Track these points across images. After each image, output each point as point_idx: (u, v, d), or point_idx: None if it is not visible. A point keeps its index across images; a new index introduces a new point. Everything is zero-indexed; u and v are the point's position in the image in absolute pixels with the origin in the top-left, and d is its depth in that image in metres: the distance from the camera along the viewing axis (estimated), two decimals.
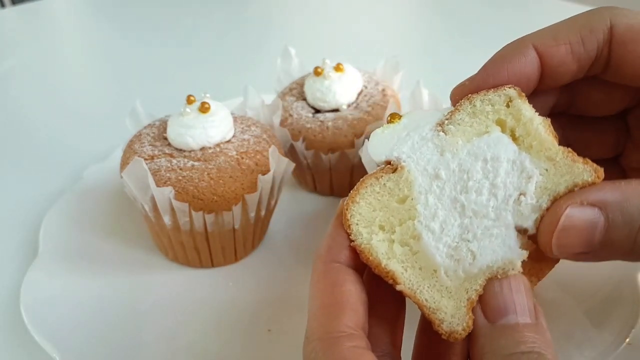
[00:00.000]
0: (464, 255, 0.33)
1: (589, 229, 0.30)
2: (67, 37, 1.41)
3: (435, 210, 0.34)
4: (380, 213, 0.35)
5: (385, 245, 0.34)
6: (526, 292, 0.31)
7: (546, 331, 0.30)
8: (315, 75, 0.65)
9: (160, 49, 1.24)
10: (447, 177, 0.35)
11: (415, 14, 1.49)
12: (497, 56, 0.37)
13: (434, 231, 0.33)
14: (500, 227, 0.32)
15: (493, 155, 0.35)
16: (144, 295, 0.55)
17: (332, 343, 0.30)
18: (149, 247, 0.61)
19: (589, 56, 0.36)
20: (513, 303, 0.30)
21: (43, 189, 0.72)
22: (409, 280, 0.33)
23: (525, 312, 0.30)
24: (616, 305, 0.49)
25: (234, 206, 0.54)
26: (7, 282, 0.58)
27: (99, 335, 0.50)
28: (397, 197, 0.35)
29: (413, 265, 0.34)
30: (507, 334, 0.29)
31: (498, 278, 0.32)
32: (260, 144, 0.57)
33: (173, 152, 0.55)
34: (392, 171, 0.36)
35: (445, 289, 0.33)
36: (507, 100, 0.36)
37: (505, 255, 0.32)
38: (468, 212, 0.34)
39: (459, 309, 0.32)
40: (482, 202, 0.34)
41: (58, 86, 1.09)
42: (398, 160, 0.35)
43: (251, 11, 1.48)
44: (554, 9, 1.35)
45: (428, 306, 0.32)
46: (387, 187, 0.35)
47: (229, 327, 0.52)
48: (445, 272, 0.33)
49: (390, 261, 0.33)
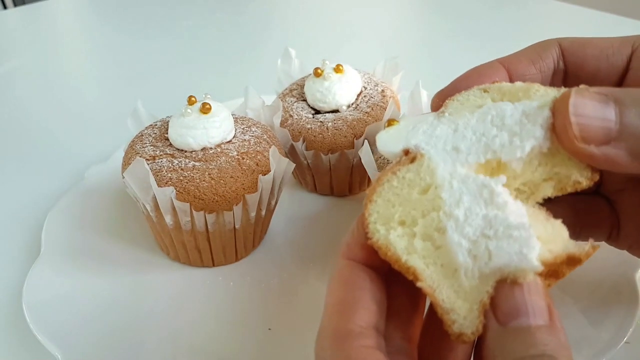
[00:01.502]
0: (482, 254, 0.31)
1: (603, 107, 0.31)
2: (69, 38, 1.42)
3: (460, 195, 0.32)
4: (400, 208, 0.33)
5: (405, 240, 0.33)
6: (540, 293, 0.29)
7: (561, 333, 0.29)
8: (315, 77, 0.65)
9: (161, 50, 1.24)
10: (467, 149, 0.34)
11: (414, 14, 1.49)
12: (469, 71, 0.42)
13: (458, 219, 0.31)
14: (521, 230, 0.30)
15: (498, 111, 0.35)
16: (146, 295, 0.56)
17: (342, 341, 0.30)
18: (150, 246, 0.62)
19: (548, 67, 0.41)
20: (525, 305, 0.29)
21: (45, 189, 0.73)
22: (430, 277, 0.32)
23: (538, 313, 0.29)
24: (614, 304, 0.49)
25: (235, 206, 0.54)
26: (9, 281, 0.58)
27: (101, 334, 0.51)
28: (418, 188, 0.33)
29: (435, 262, 0.32)
30: (518, 337, 0.28)
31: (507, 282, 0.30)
32: (260, 145, 0.57)
33: (174, 153, 0.55)
34: (409, 162, 0.34)
35: (462, 289, 0.31)
36: (483, 89, 0.38)
37: (520, 263, 0.29)
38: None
39: (471, 311, 0.30)
40: (506, 144, 0.33)
41: (60, 87, 1.09)
42: (417, 148, 0.34)
43: (251, 12, 1.48)
44: (554, 9, 1.35)
45: (444, 306, 0.31)
46: (407, 180, 0.34)
47: (230, 326, 0.52)
48: (464, 273, 0.31)
49: (411, 256, 0.32)
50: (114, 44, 1.31)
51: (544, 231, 0.32)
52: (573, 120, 0.31)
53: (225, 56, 1.19)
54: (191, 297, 0.56)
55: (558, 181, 0.35)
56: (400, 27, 1.38)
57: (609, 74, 0.41)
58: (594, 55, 0.41)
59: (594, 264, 0.54)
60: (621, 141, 0.31)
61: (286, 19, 1.46)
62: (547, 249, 0.30)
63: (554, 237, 0.32)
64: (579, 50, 0.41)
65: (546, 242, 0.31)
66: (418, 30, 1.37)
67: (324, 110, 0.65)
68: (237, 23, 1.39)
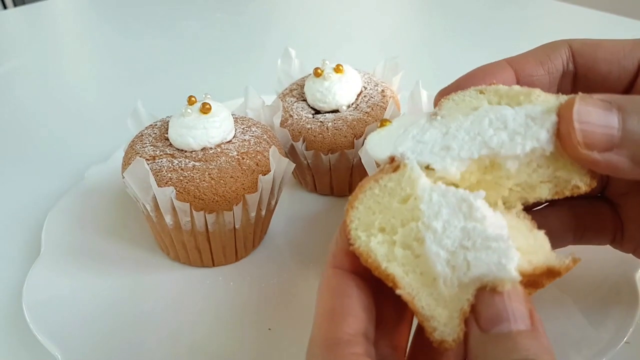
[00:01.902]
0: (460, 264, 0.31)
1: (606, 114, 0.31)
2: (69, 38, 1.42)
3: (439, 208, 0.32)
4: (380, 216, 0.34)
5: (385, 247, 0.33)
6: (520, 299, 0.30)
7: (543, 337, 0.29)
8: (315, 77, 0.65)
9: (161, 50, 1.24)
10: (459, 146, 0.34)
11: (414, 14, 1.49)
12: (475, 69, 0.41)
13: (436, 231, 0.32)
14: (499, 242, 0.30)
15: (497, 115, 0.35)
16: (146, 295, 0.56)
17: (331, 349, 0.30)
18: (150, 246, 0.62)
19: (557, 69, 0.40)
20: (506, 311, 0.29)
21: (45, 189, 0.73)
22: (409, 285, 0.32)
23: (520, 319, 0.29)
24: (614, 304, 0.49)
25: (235, 206, 0.54)
26: (9, 281, 0.58)
27: (101, 334, 0.51)
28: (398, 197, 0.34)
29: (414, 270, 0.32)
30: (500, 343, 0.28)
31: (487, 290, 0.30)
32: (260, 145, 0.57)
33: (174, 153, 0.55)
34: (392, 171, 0.35)
35: (442, 297, 0.32)
36: (479, 90, 0.38)
37: (499, 273, 0.30)
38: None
39: (452, 319, 0.31)
40: (505, 141, 0.34)
41: (60, 87, 1.09)
42: (402, 157, 0.35)
43: (252, 12, 1.48)
44: (554, 9, 1.35)
45: (423, 313, 0.31)
46: (388, 188, 0.34)
47: (230, 326, 0.52)
48: (443, 282, 0.31)
49: (391, 264, 0.33)
50: (114, 43, 1.31)
51: (525, 242, 0.33)
52: (577, 127, 0.32)
53: (225, 56, 1.19)
54: (191, 297, 0.56)
55: (556, 184, 0.35)
56: (400, 27, 1.38)
57: (620, 77, 0.40)
58: (605, 58, 0.40)
59: (593, 264, 0.54)
60: (623, 148, 0.31)
61: (286, 19, 1.46)
62: (527, 260, 0.31)
63: (535, 248, 0.33)
64: (589, 52, 0.40)
65: (527, 253, 0.32)
66: (418, 30, 1.37)
67: (324, 110, 0.65)
68: (237, 23, 1.39)
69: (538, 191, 0.36)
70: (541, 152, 0.34)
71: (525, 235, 0.34)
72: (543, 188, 0.36)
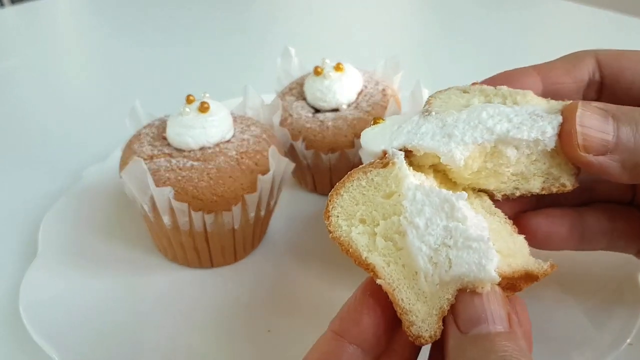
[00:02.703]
0: (442, 261, 0.32)
1: (603, 121, 0.35)
2: (67, 37, 1.41)
3: (422, 206, 0.33)
4: (363, 207, 0.35)
5: (366, 237, 0.34)
6: (499, 301, 0.30)
7: (520, 339, 0.29)
8: (315, 75, 0.64)
9: (159, 48, 1.24)
10: (461, 133, 0.36)
11: (415, 13, 1.49)
12: (499, 74, 0.42)
13: (419, 227, 0.33)
14: (480, 243, 0.31)
15: (495, 110, 0.37)
16: (144, 296, 0.55)
17: None
18: (148, 247, 0.61)
19: (583, 78, 0.41)
20: (484, 312, 0.30)
21: (42, 189, 0.72)
22: (389, 275, 0.33)
23: (498, 320, 0.30)
24: (617, 305, 0.49)
25: (234, 206, 0.54)
26: (6, 282, 0.58)
27: (98, 336, 0.50)
28: (383, 192, 0.35)
29: (396, 261, 0.33)
30: (478, 344, 0.29)
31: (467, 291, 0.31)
32: (260, 144, 0.57)
33: (172, 152, 0.54)
34: (382, 166, 0.35)
35: (422, 293, 0.32)
36: (463, 90, 0.40)
37: (479, 273, 0.30)
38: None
39: (430, 315, 0.32)
40: (511, 128, 0.36)
41: (57, 86, 1.09)
42: (393, 155, 0.35)
43: (251, 11, 1.48)
44: (553, 9, 1.35)
45: (402, 306, 0.32)
46: (375, 182, 0.35)
47: (228, 328, 0.52)
48: (424, 277, 0.32)
49: (371, 254, 0.33)
50: (112, 42, 1.30)
51: (505, 245, 0.34)
52: (578, 130, 0.34)
53: (224, 55, 1.18)
54: (189, 298, 0.55)
55: (546, 180, 0.38)
56: (401, 25, 1.38)
57: None
58: (630, 67, 0.41)
59: (596, 265, 0.54)
60: (616, 154, 0.34)
61: (286, 18, 1.45)
62: (506, 262, 0.32)
63: (514, 251, 0.34)
64: (614, 62, 0.41)
65: (507, 255, 0.33)
66: (419, 29, 1.37)
67: (324, 109, 0.65)
68: (237, 21, 1.39)
69: (531, 183, 0.38)
70: (543, 146, 0.36)
71: (506, 238, 0.35)
72: (536, 181, 0.38)
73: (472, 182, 0.39)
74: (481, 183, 0.38)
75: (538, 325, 0.49)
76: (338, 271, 0.56)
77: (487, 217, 0.36)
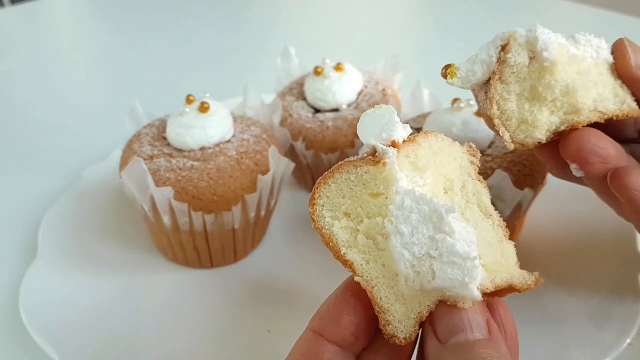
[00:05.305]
0: (426, 271, 0.31)
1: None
2: (67, 37, 1.41)
3: (410, 214, 0.32)
4: (349, 201, 0.34)
5: (347, 233, 0.33)
6: (478, 308, 0.30)
7: (501, 345, 0.29)
8: (315, 75, 0.64)
9: (159, 48, 1.24)
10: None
11: (415, 13, 1.49)
12: None
13: (403, 234, 0.31)
14: (465, 260, 0.30)
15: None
16: (143, 296, 0.55)
17: None
18: (148, 247, 0.61)
19: None
20: (463, 322, 0.29)
21: (42, 189, 0.72)
22: (368, 273, 0.32)
23: (477, 328, 0.29)
24: (617, 306, 0.49)
25: (234, 206, 0.54)
26: (6, 282, 0.58)
27: (98, 336, 0.50)
28: (371, 191, 0.34)
29: (376, 259, 0.33)
30: (458, 352, 0.29)
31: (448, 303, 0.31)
32: (259, 144, 0.57)
33: (172, 152, 0.54)
34: (373, 164, 0.33)
35: (402, 295, 0.32)
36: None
37: (461, 290, 0.30)
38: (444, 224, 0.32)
39: (407, 318, 0.31)
40: None
41: (57, 86, 1.09)
42: (383, 154, 0.33)
43: (251, 11, 1.48)
44: (553, 9, 1.35)
45: (380, 304, 0.32)
46: (363, 179, 0.34)
47: (228, 328, 0.52)
48: (405, 280, 0.31)
49: (351, 250, 0.33)
50: (112, 42, 1.30)
51: (492, 258, 0.33)
52: (629, 50, 0.40)
53: (224, 55, 1.18)
54: (189, 298, 0.55)
55: (615, 101, 0.41)
56: (401, 26, 1.38)
57: None
58: None
59: (597, 265, 0.54)
60: None
61: (286, 18, 1.45)
62: (490, 278, 0.31)
63: (501, 263, 0.33)
64: None
65: (492, 270, 0.32)
66: (419, 29, 1.37)
67: (324, 109, 0.64)
68: (237, 21, 1.39)
69: (605, 102, 0.40)
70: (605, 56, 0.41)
71: (495, 247, 0.34)
72: (608, 101, 0.41)
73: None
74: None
75: (538, 325, 0.49)
76: (338, 271, 0.56)
77: (481, 221, 0.35)
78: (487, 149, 0.53)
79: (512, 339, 0.32)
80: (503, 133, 0.40)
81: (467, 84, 0.40)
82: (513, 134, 0.40)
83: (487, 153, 0.52)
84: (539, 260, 0.56)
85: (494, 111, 0.40)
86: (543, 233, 0.59)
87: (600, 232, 0.57)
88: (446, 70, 0.40)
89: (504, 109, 0.40)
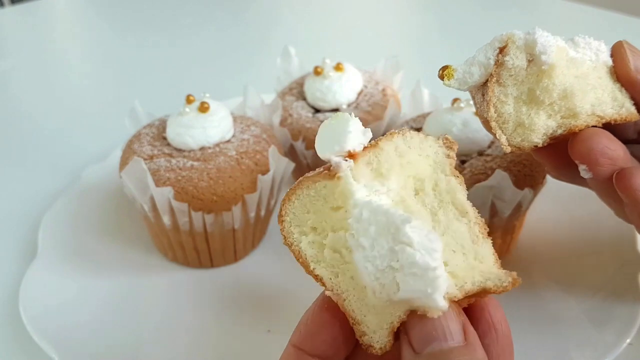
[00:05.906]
0: (389, 283, 0.30)
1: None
2: (67, 37, 1.41)
3: (368, 226, 0.31)
4: (314, 216, 0.34)
5: (315, 248, 0.33)
6: (452, 315, 0.29)
7: (477, 350, 0.29)
8: (315, 75, 0.64)
9: (159, 48, 1.24)
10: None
11: (415, 13, 1.49)
12: None
13: (364, 247, 0.31)
14: (426, 271, 0.29)
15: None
16: (143, 296, 0.55)
17: None
18: (148, 247, 0.61)
19: None
20: (436, 330, 0.29)
21: (42, 189, 0.72)
22: (338, 286, 0.32)
23: (450, 335, 0.28)
24: (617, 306, 0.49)
25: (234, 206, 0.54)
26: (6, 282, 0.57)
27: (98, 336, 0.50)
28: (331, 205, 0.33)
29: (345, 272, 0.32)
30: None
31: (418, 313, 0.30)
32: (259, 144, 0.57)
33: (172, 152, 0.54)
34: (329, 178, 0.33)
35: (372, 306, 0.31)
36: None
37: (426, 302, 0.29)
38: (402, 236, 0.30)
39: (381, 328, 0.31)
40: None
41: (57, 86, 1.09)
42: (337, 168, 0.33)
43: (251, 11, 1.48)
44: (553, 9, 1.35)
45: (354, 316, 0.32)
46: (322, 194, 0.34)
47: (228, 328, 0.52)
48: (373, 292, 0.31)
49: (319, 265, 0.33)
50: (112, 42, 1.30)
51: (462, 261, 0.32)
52: (629, 53, 0.40)
53: (224, 55, 1.18)
54: (189, 298, 0.55)
55: (613, 104, 0.40)
56: (401, 25, 1.38)
57: None
58: None
59: (597, 265, 0.54)
60: None
61: (286, 17, 1.45)
62: (458, 286, 0.30)
63: (472, 267, 0.32)
64: None
65: (461, 277, 0.31)
66: (419, 29, 1.37)
67: (324, 109, 0.64)
68: (237, 21, 1.38)
69: (603, 106, 0.40)
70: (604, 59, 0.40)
71: (467, 250, 0.33)
72: (606, 105, 0.40)
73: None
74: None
75: (538, 325, 0.49)
76: None
77: (455, 221, 0.34)
78: (487, 149, 0.53)
79: (505, 338, 0.31)
80: (500, 136, 0.39)
81: (464, 85, 0.40)
82: (510, 137, 0.40)
83: (487, 153, 0.52)
84: (538, 260, 0.56)
85: (490, 114, 0.39)
86: (543, 233, 0.59)
87: (601, 232, 0.57)
88: (443, 72, 0.40)
89: (501, 111, 0.40)
